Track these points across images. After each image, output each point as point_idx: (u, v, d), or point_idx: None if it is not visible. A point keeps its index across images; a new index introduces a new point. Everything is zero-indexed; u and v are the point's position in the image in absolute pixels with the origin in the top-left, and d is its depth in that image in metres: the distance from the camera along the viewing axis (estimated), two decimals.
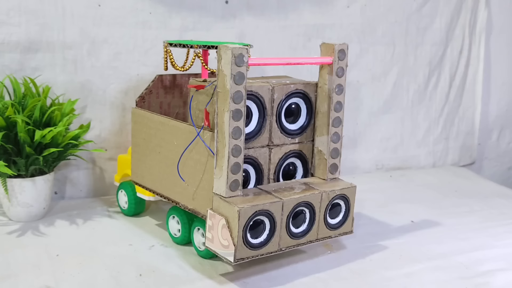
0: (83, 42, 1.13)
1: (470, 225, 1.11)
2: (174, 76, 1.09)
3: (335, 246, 0.98)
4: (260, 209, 0.79)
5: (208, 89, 0.85)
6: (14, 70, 1.09)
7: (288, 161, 0.91)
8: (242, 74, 0.77)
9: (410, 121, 1.49)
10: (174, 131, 0.91)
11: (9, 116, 0.98)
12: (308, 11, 1.32)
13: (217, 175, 0.81)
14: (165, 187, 0.95)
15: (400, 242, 1.01)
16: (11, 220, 1.03)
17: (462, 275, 0.89)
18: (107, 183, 1.20)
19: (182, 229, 0.94)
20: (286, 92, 0.88)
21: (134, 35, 1.17)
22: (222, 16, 1.24)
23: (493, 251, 0.98)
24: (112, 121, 1.18)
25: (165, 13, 1.18)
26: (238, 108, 0.78)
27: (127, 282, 0.82)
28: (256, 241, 0.81)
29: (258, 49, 1.22)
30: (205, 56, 1.02)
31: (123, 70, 1.17)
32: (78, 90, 1.14)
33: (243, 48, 0.77)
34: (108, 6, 1.14)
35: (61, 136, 1.00)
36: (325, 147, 0.90)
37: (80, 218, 1.06)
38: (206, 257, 0.90)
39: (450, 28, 1.51)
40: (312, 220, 0.86)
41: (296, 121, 0.91)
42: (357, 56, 1.39)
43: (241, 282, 0.84)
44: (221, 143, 0.80)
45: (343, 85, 0.89)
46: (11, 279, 0.82)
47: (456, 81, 1.55)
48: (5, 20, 1.07)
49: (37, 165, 1.00)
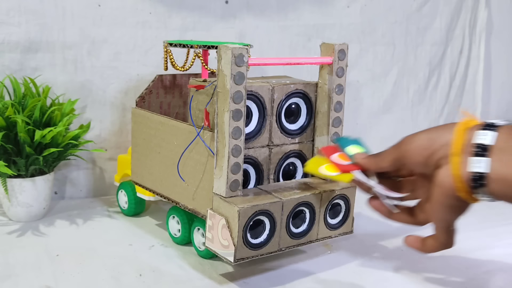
0: (83, 42, 1.13)
1: (470, 225, 1.10)
2: (174, 76, 1.09)
3: (335, 246, 0.98)
4: (260, 209, 0.79)
5: (208, 89, 0.85)
6: (14, 70, 1.09)
7: (288, 161, 0.91)
8: (242, 74, 0.77)
9: (410, 121, 1.49)
10: (174, 131, 0.91)
11: (9, 116, 0.98)
12: (308, 11, 1.32)
13: (217, 175, 0.81)
14: (165, 187, 0.95)
15: (400, 242, 1.01)
16: (11, 220, 1.03)
17: (462, 275, 0.89)
18: (107, 183, 1.20)
19: (182, 229, 0.94)
20: (286, 92, 0.88)
21: (134, 35, 1.17)
22: (222, 16, 1.24)
23: (493, 251, 0.98)
24: (112, 121, 1.18)
25: (165, 13, 1.18)
26: (238, 108, 0.78)
27: (127, 282, 0.82)
28: (256, 241, 0.81)
29: (258, 49, 1.22)
30: (205, 56, 1.02)
31: (123, 70, 1.17)
32: (78, 90, 1.14)
33: (243, 48, 0.77)
34: (108, 6, 1.14)
35: (61, 136, 1.00)
36: None
37: (80, 218, 1.06)
38: (206, 257, 0.91)
39: (450, 28, 1.51)
40: (312, 220, 0.86)
41: (296, 121, 0.91)
42: (357, 56, 1.39)
43: (241, 282, 0.84)
44: (221, 143, 0.80)
45: (343, 85, 0.89)
46: (11, 279, 0.82)
47: (456, 81, 1.55)
48: (5, 20, 1.07)
49: (37, 165, 1.00)
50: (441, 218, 0.69)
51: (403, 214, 0.76)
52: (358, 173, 0.75)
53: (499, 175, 0.60)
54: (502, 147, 0.60)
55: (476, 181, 0.61)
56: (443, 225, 0.70)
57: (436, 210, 0.69)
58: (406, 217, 0.76)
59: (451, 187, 0.64)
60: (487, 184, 0.61)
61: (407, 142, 0.70)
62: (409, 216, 0.76)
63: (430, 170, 0.67)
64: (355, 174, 0.75)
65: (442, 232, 0.71)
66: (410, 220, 0.76)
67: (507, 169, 0.60)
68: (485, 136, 0.61)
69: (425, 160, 0.67)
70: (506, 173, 0.60)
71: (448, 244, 0.72)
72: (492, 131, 0.62)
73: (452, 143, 0.64)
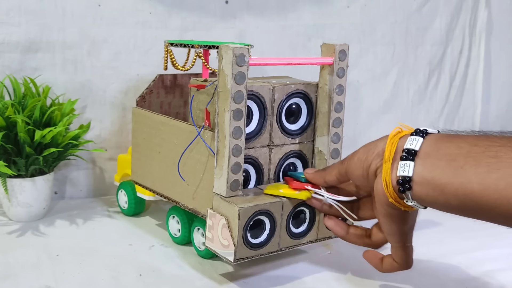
0: (83, 42, 1.13)
1: (470, 225, 1.10)
2: (174, 76, 1.09)
3: (335, 246, 0.98)
4: (260, 209, 0.79)
5: (209, 88, 0.85)
6: (14, 70, 1.09)
7: (289, 161, 0.91)
8: (243, 74, 0.77)
9: (410, 121, 1.49)
10: (174, 131, 0.91)
11: (9, 116, 0.98)
12: (308, 11, 1.32)
13: (218, 175, 0.81)
14: (165, 187, 0.95)
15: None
16: (11, 220, 1.03)
17: (462, 275, 0.89)
18: (107, 183, 1.20)
19: (182, 229, 0.94)
20: (287, 92, 0.88)
21: (134, 35, 1.17)
22: (222, 16, 1.24)
23: (493, 251, 0.98)
24: (112, 121, 1.18)
25: (165, 13, 1.18)
26: (238, 108, 0.78)
27: (127, 282, 0.82)
28: (256, 241, 0.81)
29: (258, 49, 1.22)
30: (205, 56, 1.02)
31: (123, 70, 1.17)
32: (78, 90, 1.14)
33: (244, 48, 0.77)
34: (108, 6, 1.14)
35: (61, 136, 1.00)
36: (326, 147, 0.90)
37: (80, 218, 1.06)
38: (206, 257, 0.90)
39: (450, 28, 1.51)
40: (312, 220, 0.86)
41: (296, 121, 0.91)
42: (357, 56, 1.39)
43: (241, 282, 0.84)
44: (221, 143, 0.80)
45: (343, 86, 0.89)
46: (11, 279, 0.82)
47: (456, 81, 1.55)
48: (5, 20, 1.07)
49: (37, 165, 1.00)
50: (389, 232, 0.70)
51: (358, 236, 0.77)
52: (310, 188, 0.80)
53: (422, 178, 0.61)
54: (427, 152, 0.61)
55: (402, 185, 0.62)
56: (396, 240, 0.71)
57: (381, 222, 0.70)
58: (361, 239, 0.77)
59: (384, 194, 0.64)
60: (412, 187, 0.61)
61: (349, 157, 0.72)
62: (365, 237, 0.77)
63: (371, 182, 0.67)
64: (310, 189, 0.80)
65: (398, 249, 0.71)
66: (366, 242, 0.77)
67: (429, 172, 0.60)
68: (414, 142, 0.63)
69: (363, 172, 0.68)
70: (428, 176, 0.60)
71: (405, 264, 0.73)
72: (421, 137, 0.63)
73: (384, 151, 0.64)
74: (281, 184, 0.86)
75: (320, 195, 0.80)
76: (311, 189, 0.81)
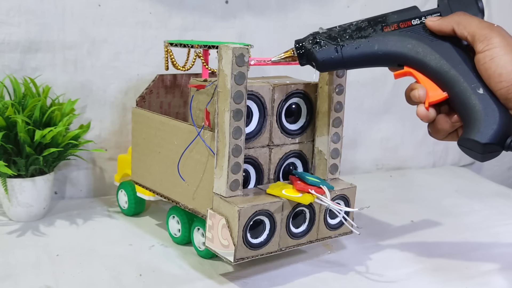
0: (83, 42, 1.13)
1: (470, 225, 1.11)
2: (174, 76, 1.09)
3: (335, 246, 0.98)
4: (260, 209, 0.79)
5: (208, 88, 0.85)
6: (14, 70, 1.09)
7: (289, 161, 0.91)
8: (242, 74, 0.77)
9: (410, 121, 1.49)
10: (174, 131, 0.91)
11: (9, 116, 0.98)
12: (308, 11, 1.32)
13: (217, 175, 0.81)
14: (165, 187, 0.95)
15: (400, 242, 1.01)
16: (11, 220, 1.03)
17: (462, 275, 0.89)
18: (107, 183, 1.20)
19: (182, 229, 0.94)
20: (287, 92, 0.88)
21: (134, 35, 1.17)
22: (222, 16, 1.24)
23: (493, 251, 0.98)
24: (112, 121, 1.18)
25: (165, 13, 1.18)
26: (238, 108, 0.78)
27: (127, 282, 0.82)
28: (256, 241, 0.81)
29: (258, 49, 1.22)
30: (205, 56, 1.02)
31: (123, 70, 1.17)
32: (78, 90, 1.14)
33: (244, 48, 0.77)
34: (108, 6, 1.14)
35: (61, 136, 1.00)
36: (325, 147, 0.90)
37: (80, 218, 1.06)
38: (206, 257, 0.90)
39: None
40: (312, 220, 0.86)
41: (296, 121, 0.91)
42: None
43: (241, 282, 0.84)
44: (221, 143, 0.80)
45: (343, 85, 0.89)
46: (11, 279, 0.82)
47: None
48: (5, 20, 1.07)
49: (37, 165, 1.00)
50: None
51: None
52: (315, 193, 0.81)
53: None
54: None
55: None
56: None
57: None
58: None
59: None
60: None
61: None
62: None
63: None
64: (314, 193, 0.81)
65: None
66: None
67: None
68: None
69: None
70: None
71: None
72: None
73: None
74: (285, 184, 0.87)
75: (323, 201, 0.81)
76: (315, 194, 0.81)
